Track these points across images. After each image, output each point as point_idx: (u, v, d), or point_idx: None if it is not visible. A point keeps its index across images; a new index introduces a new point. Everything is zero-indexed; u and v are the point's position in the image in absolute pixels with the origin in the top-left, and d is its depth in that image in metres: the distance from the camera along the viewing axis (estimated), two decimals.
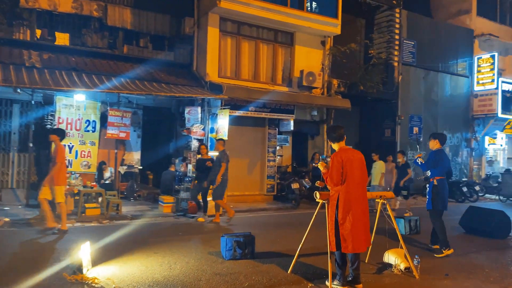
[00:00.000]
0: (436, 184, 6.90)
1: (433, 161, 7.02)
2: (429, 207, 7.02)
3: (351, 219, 4.69)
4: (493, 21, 19.59)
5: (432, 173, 6.96)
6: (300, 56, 14.20)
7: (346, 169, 4.72)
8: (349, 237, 4.69)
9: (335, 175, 4.73)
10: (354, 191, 4.74)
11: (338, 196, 4.76)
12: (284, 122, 13.45)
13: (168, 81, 12.17)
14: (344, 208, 4.71)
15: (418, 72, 17.16)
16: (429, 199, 6.98)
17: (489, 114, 18.01)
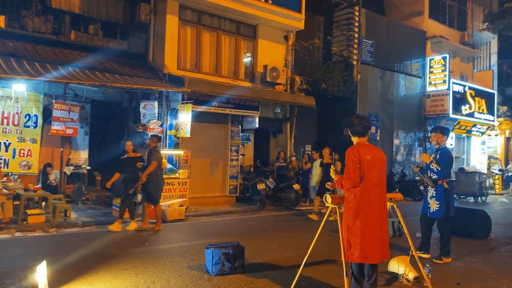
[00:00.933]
0: (447, 188, 6.27)
1: (445, 162, 6.28)
2: (441, 214, 6.26)
3: (361, 223, 4.06)
4: (443, 24, 20.16)
5: (440, 175, 6.24)
6: (263, 50, 13.56)
7: (364, 167, 4.09)
8: (357, 243, 4.05)
9: (353, 172, 4.07)
10: (369, 193, 4.12)
11: (354, 197, 4.12)
12: (249, 119, 12.73)
13: (122, 72, 11.00)
14: (356, 210, 4.09)
15: (375, 71, 17.16)
16: (441, 205, 6.23)
17: (441, 114, 18.45)
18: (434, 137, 6.59)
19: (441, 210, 6.26)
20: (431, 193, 6.39)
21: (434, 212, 6.35)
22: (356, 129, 4.28)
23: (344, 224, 4.18)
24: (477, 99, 19.60)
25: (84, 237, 7.53)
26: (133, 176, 8.45)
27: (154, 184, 8.47)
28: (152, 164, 8.30)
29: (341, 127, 16.66)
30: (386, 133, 17.57)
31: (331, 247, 6.68)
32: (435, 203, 6.33)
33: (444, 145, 6.52)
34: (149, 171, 8.28)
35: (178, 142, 11.54)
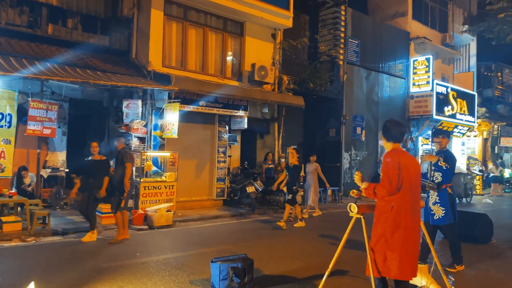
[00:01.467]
0: (451, 193, 5.95)
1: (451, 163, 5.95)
2: (448, 220, 5.91)
3: (401, 236, 3.69)
4: (425, 25, 20.23)
5: (446, 177, 5.90)
6: (251, 48, 13.13)
7: (403, 174, 3.72)
8: (395, 258, 3.68)
9: (393, 179, 3.69)
10: (407, 203, 3.75)
11: (391, 208, 3.73)
12: (237, 119, 12.27)
13: (104, 69, 10.36)
14: (394, 220, 3.71)
15: (361, 71, 17.00)
16: (447, 211, 5.87)
17: (425, 115, 18.47)
18: (441, 140, 6.23)
19: (448, 217, 5.92)
20: (434, 199, 6.01)
21: (439, 218, 5.97)
22: (392, 134, 3.92)
23: (378, 236, 3.78)
24: (459, 100, 19.76)
25: (66, 248, 6.92)
26: (98, 182, 7.47)
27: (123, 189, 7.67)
28: (128, 166, 7.59)
29: (327, 128, 16.45)
30: (371, 134, 17.44)
31: (330, 256, 6.33)
32: (440, 209, 5.97)
33: (447, 148, 6.25)
34: (128, 175, 7.57)
35: (163, 143, 10.98)
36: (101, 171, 7.59)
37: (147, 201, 9.60)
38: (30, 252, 6.59)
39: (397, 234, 3.68)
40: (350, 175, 16.43)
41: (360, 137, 16.71)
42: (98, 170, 7.61)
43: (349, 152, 16.43)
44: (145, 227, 9.00)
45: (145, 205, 9.50)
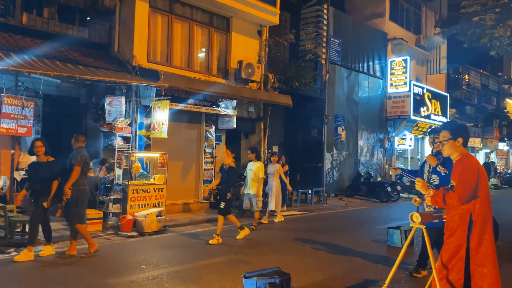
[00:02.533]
0: None
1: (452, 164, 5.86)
2: (440, 224, 5.73)
3: (488, 249, 3.35)
4: (401, 27, 20.46)
5: (442, 182, 5.54)
6: (237, 45, 12.66)
7: (482, 182, 3.39)
8: (485, 274, 3.31)
9: (469, 187, 3.34)
10: (486, 212, 3.43)
11: (470, 217, 3.38)
12: (225, 118, 11.76)
13: (86, 63, 9.59)
14: (480, 232, 3.36)
15: (342, 71, 16.91)
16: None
17: (402, 115, 18.66)
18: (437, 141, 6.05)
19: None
20: None
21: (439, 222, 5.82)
22: (467, 137, 3.60)
23: (454, 251, 3.41)
24: (433, 101, 20.13)
25: (56, 260, 6.22)
26: (44, 187, 6.41)
27: (74, 197, 6.44)
28: (75, 170, 6.41)
29: (309, 127, 16.24)
30: (352, 134, 17.41)
31: (349, 264, 6.03)
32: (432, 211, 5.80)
33: None
34: (72, 180, 6.36)
35: (149, 143, 10.33)
36: (48, 175, 6.46)
37: (136, 206, 8.95)
38: (15, 267, 5.86)
39: (483, 248, 3.35)
40: (332, 175, 16.30)
41: (341, 137, 16.61)
42: (44, 173, 6.47)
43: (331, 152, 16.29)
44: (135, 233, 8.37)
45: (134, 210, 8.85)
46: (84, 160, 6.60)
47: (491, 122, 29.16)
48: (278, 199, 10.53)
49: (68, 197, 6.40)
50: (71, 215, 6.54)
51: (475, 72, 27.14)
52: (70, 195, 6.40)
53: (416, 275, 5.58)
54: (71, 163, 6.57)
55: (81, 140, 6.91)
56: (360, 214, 12.28)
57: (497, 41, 19.20)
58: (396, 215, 12.03)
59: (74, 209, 6.51)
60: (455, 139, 3.54)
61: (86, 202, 6.86)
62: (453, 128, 3.61)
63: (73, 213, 6.52)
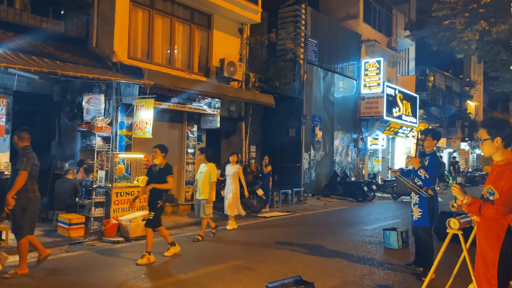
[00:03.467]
0: (432, 195, 5.70)
1: (434, 169, 5.72)
2: (424, 223, 5.69)
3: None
4: (374, 29, 20.77)
5: (426, 182, 5.64)
6: (219, 43, 12.38)
7: None
8: None
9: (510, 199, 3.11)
10: None
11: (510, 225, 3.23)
12: (208, 118, 11.45)
13: (63, 58, 9.03)
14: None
15: (319, 71, 16.93)
16: (424, 213, 5.65)
17: (375, 116, 18.93)
18: (425, 141, 5.94)
19: (424, 219, 5.69)
20: (415, 200, 5.81)
21: (416, 220, 5.79)
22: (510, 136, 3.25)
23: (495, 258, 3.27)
24: (404, 102, 20.57)
25: (43, 271, 5.75)
26: None
27: (21, 205, 5.53)
28: (20, 175, 5.44)
29: (287, 127, 16.18)
30: (328, 134, 17.48)
31: (359, 269, 5.93)
32: (417, 211, 5.76)
33: (433, 150, 5.95)
34: (16, 187, 5.44)
35: (130, 143, 9.88)
36: None
37: (119, 209, 8.52)
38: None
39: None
40: (309, 175, 16.29)
41: (318, 137, 16.64)
42: None
43: (309, 152, 16.28)
44: (121, 239, 7.95)
45: (118, 214, 8.41)
46: (31, 162, 5.61)
47: (455, 123, 30.23)
48: (234, 203, 9.44)
49: (10, 207, 5.45)
50: (14, 226, 5.65)
51: (440, 74, 28.03)
52: (16, 205, 5.46)
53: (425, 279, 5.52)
54: (15, 168, 5.58)
55: (26, 138, 5.91)
56: (342, 214, 12.30)
57: (465, 45, 19.88)
58: (378, 215, 12.14)
59: (20, 220, 5.57)
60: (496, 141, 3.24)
61: (37, 212, 6.01)
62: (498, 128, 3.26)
63: (19, 225, 5.58)
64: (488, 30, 18.12)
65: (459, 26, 18.99)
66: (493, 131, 3.26)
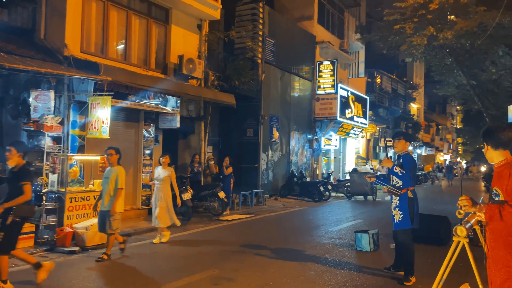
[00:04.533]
0: (411, 197, 5.68)
1: (409, 167, 5.67)
2: (405, 225, 5.64)
3: None
4: (327, 30, 21.03)
5: (405, 180, 5.61)
6: (177, 39, 11.87)
7: None
8: None
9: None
10: None
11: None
12: (167, 117, 10.90)
13: (8, 50, 8.17)
14: None
15: (276, 71, 16.82)
16: (405, 215, 5.61)
17: (329, 117, 19.14)
18: (397, 143, 5.93)
19: (405, 221, 5.64)
20: (395, 203, 5.77)
21: (397, 223, 5.74)
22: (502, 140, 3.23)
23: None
24: (356, 103, 21.00)
25: None
26: None
27: None
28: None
29: (244, 127, 15.92)
30: (285, 135, 17.43)
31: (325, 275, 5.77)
32: (398, 213, 5.72)
33: (406, 151, 5.92)
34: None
35: (82, 144, 9.15)
36: None
37: (74, 216, 7.82)
38: None
39: None
40: (267, 176, 16.13)
41: (275, 137, 16.53)
42: None
43: (266, 153, 16.11)
44: (76, 248, 7.29)
45: (72, 221, 7.72)
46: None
47: (399, 124, 31.46)
48: (165, 212, 7.98)
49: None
50: None
51: (387, 77, 29.03)
52: None
53: (407, 284, 5.47)
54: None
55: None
56: (304, 215, 12.22)
57: (413, 49, 20.65)
58: (338, 216, 12.20)
59: None
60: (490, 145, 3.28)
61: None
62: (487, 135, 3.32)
63: None
64: (435, 35, 18.93)
65: (409, 31, 19.69)
66: (485, 138, 3.33)
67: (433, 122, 46.86)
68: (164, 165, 8.24)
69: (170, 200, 8.15)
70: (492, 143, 3.26)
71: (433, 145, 45.86)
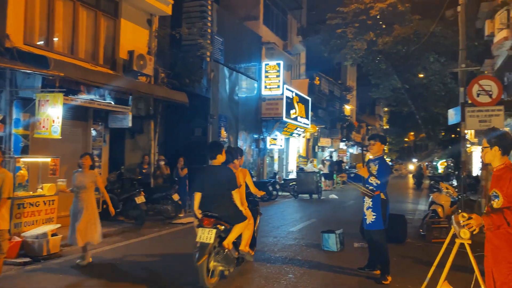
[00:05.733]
0: (385, 198, 5.81)
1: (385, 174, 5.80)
2: (378, 226, 5.75)
3: None
4: (272, 32, 21.21)
5: (379, 186, 5.69)
6: (126, 33, 11.29)
7: None
8: None
9: None
10: None
11: None
12: (118, 116, 10.30)
13: None
14: None
15: (225, 70, 16.65)
16: (378, 217, 5.73)
17: (276, 117, 19.34)
18: (373, 146, 6.01)
19: (378, 222, 5.77)
20: (368, 204, 5.88)
21: (370, 223, 5.85)
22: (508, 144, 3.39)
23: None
24: (300, 104, 21.43)
25: None
26: None
27: None
28: None
29: (192, 127, 15.55)
30: (233, 134, 17.32)
31: (303, 278, 5.78)
32: (371, 214, 5.83)
33: (381, 155, 6.05)
34: None
35: (27, 144, 8.38)
36: None
37: (22, 224, 7.13)
38: None
39: None
40: None
41: (224, 137, 16.35)
42: None
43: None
44: (27, 259, 6.66)
45: (20, 229, 7.03)
46: None
47: (336, 124, 32.62)
48: (89, 227, 6.51)
49: None
50: None
51: (325, 79, 29.94)
52: None
53: (385, 282, 5.61)
54: None
55: None
56: None
57: (352, 53, 21.53)
58: (292, 215, 12.40)
59: None
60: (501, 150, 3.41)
61: None
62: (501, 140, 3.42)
63: None
64: (375, 41, 19.90)
65: (350, 35, 20.51)
66: (493, 141, 3.42)
67: (363, 122, 49.15)
68: (86, 168, 6.72)
69: (96, 212, 6.72)
70: (504, 148, 3.39)
71: (364, 144, 48.16)
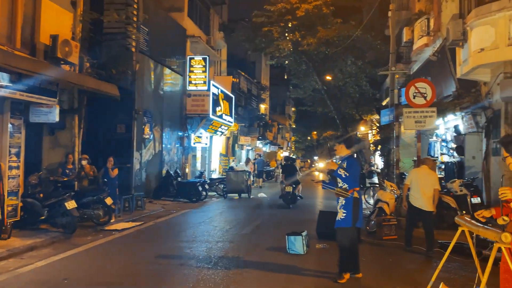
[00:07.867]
0: (357, 197, 5.79)
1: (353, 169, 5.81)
2: (345, 224, 5.71)
3: None
4: (196, 25, 20.42)
5: (349, 182, 5.72)
6: (48, 15, 9.83)
7: None
8: None
9: None
10: None
11: None
12: (42, 109, 8.89)
13: None
14: None
15: (150, 63, 15.56)
16: (348, 215, 5.67)
17: (202, 114, 18.63)
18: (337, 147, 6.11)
19: (346, 220, 5.73)
20: (341, 203, 5.86)
21: (338, 220, 5.82)
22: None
23: None
24: (224, 102, 20.99)
25: None
26: None
27: None
28: None
29: (115, 122, 14.29)
30: (158, 132, 16.29)
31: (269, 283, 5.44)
32: (341, 212, 5.81)
33: (350, 154, 6.11)
34: None
35: None
36: None
37: None
38: None
39: None
40: (140, 176, 14.77)
41: (149, 134, 15.28)
42: None
43: (140, 151, 14.75)
44: None
45: None
46: None
47: (254, 123, 32.71)
48: None
49: None
50: None
51: (244, 77, 29.86)
52: None
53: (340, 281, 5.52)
54: None
55: None
56: (196, 218, 11.48)
57: (277, 52, 21.66)
58: (233, 216, 12.05)
59: None
60: None
61: None
62: None
63: None
64: (300, 41, 20.15)
65: (276, 35, 20.56)
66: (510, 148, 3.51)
67: (275, 121, 50.30)
68: None
69: None
70: None
71: (276, 143, 49.22)
